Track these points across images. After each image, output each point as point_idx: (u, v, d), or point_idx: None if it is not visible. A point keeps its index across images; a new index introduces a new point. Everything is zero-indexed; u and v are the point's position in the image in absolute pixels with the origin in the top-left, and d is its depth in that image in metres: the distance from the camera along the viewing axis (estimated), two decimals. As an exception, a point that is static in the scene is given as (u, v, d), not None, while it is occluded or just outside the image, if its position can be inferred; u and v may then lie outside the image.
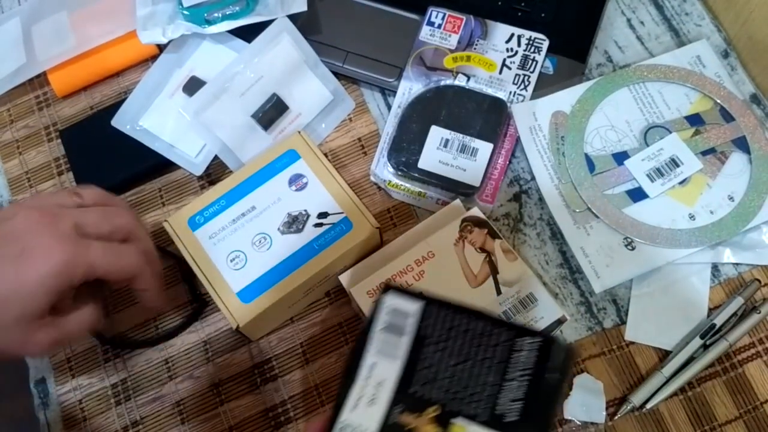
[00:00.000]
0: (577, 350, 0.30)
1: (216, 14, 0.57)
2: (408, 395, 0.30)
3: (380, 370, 0.31)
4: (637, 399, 0.47)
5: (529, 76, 0.55)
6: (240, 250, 0.48)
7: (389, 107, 0.58)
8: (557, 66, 0.56)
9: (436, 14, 0.58)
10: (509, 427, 0.29)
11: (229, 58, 0.57)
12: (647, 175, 0.52)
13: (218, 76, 0.56)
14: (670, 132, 0.54)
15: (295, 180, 0.50)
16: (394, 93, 0.57)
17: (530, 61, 0.56)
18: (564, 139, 0.54)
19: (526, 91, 0.55)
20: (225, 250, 0.48)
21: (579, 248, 0.51)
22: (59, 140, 0.59)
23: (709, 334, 0.48)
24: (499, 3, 0.58)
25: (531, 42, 0.56)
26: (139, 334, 0.53)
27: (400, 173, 0.54)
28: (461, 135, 0.54)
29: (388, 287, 0.33)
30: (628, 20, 0.60)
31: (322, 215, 0.49)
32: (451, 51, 0.57)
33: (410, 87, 0.56)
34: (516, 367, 0.30)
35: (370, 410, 0.30)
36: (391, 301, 0.32)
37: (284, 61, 0.56)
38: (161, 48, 0.60)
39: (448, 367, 0.31)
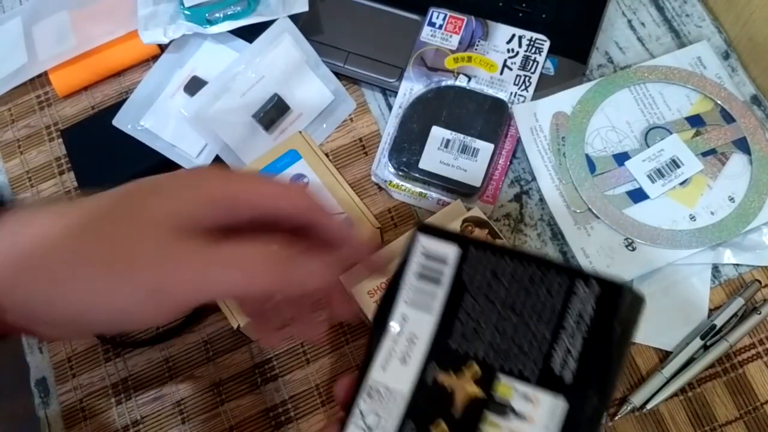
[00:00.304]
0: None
1: (217, 14, 0.57)
2: (445, 351, 0.27)
3: (413, 323, 0.27)
4: (637, 399, 0.47)
5: (530, 77, 0.56)
6: None
7: (390, 107, 0.58)
8: (558, 67, 0.56)
9: (437, 15, 0.58)
10: (564, 389, 0.25)
11: (230, 58, 0.57)
12: (648, 176, 0.52)
13: (219, 76, 0.56)
14: (671, 133, 0.54)
15: (297, 180, 0.51)
16: (395, 93, 0.57)
17: (531, 62, 0.56)
18: (565, 139, 0.54)
19: (527, 91, 0.55)
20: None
21: (580, 249, 0.51)
22: (60, 140, 0.59)
23: (710, 334, 0.48)
24: (500, 4, 0.58)
25: (532, 43, 0.56)
26: (139, 334, 0.53)
27: (401, 173, 0.54)
28: (462, 135, 0.54)
29: (423, 226, 0.28)
30: (629, 21, 0.60)
31: (323, 215, 0.49)
32: (452, 51, 0.57)
33: (411, 87, 0.56)
34: (572, 318, 0.26)
35: (402, 369, 0.27)
36: (427, 242, 0.28)
37: (285, 61, 0.56)
38: (162, 48, 0.60)
39: (492, 319, 0.27)
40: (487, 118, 0.54)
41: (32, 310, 0.27)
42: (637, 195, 0.52)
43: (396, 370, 0.27)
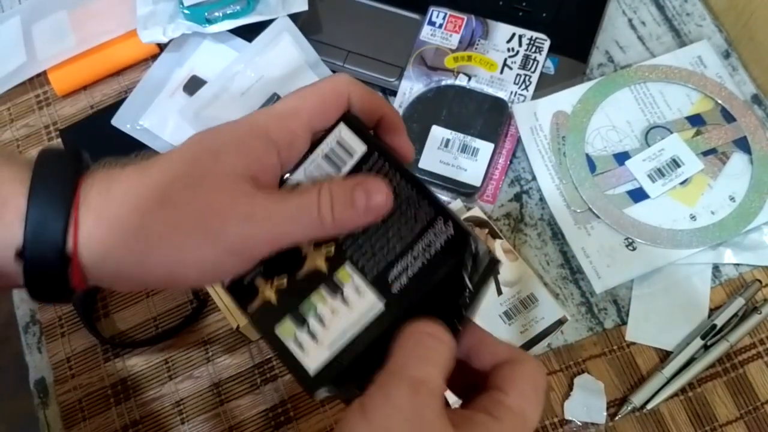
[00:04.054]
0: (496, 262, 0.30)
1: (217, 13, 0.57)
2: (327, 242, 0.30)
3: None
4: (637, 399, 0.47)
5: (530, 76, 0.55)
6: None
7: (390, 107, 0.58)
8: (558, 66, 0.56)
9: (437, 14, 0.58)
10: (386, 294, 0.28)
11: (229, 58, 0.57)
12: (648, 176, 0.52)
13: (219, 75, 0.56)
14: (671, 132, 0.53)
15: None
16: (395, 93, 0.57)
17: (531, 61, 0.56)
18: (565, 139, 0.54)
19: (527, 91, 0.55)
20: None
21: (580, 248, 0.51)
22: (59, 139, 0.59)
23: (710, 334, 0.48)
24: (501, 3, 0.58)
25: (532, 42, 0.56)
26: (139, 334, 0.53)
27: (400, 173, 0.54)
28: (462, 135, 0.54)
29: (348, 116, 0.31)
30: (630, 20, 0.60)
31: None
32: (452, 51, 0.56)
33: (411, 87, 0.56)
34: (422, 244, 0.29)
35: None
36: (345, 133, 0.31)
37: (285, 60, 0.56)
38: (162, 47, 0.60)
39: (372, 229, 0.30)
40: (487, 117, 0.54)
41: (123, 272, 0.28)
42: (638, 194, 0.52)
43: None
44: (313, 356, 0.29)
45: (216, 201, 0.28)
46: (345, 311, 0.29)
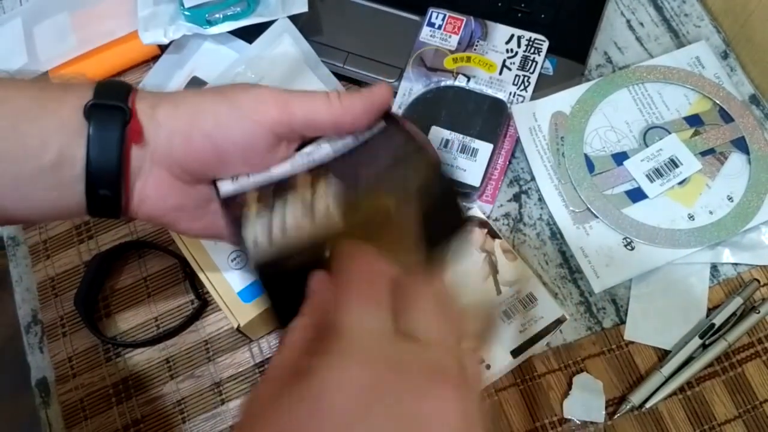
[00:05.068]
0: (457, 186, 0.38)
1: (217, 15, 0.57)
2: (320, 168, 0.35)
3: (316, 150, 0.36)
4: (636, 398, 0.48)
5: (528, 77, 0.56)
6: (241, 250, 0.48)
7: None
8: (557, 67, 0.57)
9: (436, 15, 0.58)
10: (350, 210, 0.33)
11: (230, 59, 0.57)
12: (646, 176, 0.52)
13: (219, 76, 0.56)
14: (670, 133, 0.54)
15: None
16: (395, 94, 0.57)
17: (530, 62, 0.56)
18: (564, 139, 0.54)
19: (526, 91, 0.56)
20: (226, 250, 0.48)
21: (578, 248, 0.52)
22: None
23: (709, 333, 0.49)
24: (499, 4, 0.59)
25: (531, 43, 0.56)
26: (140, 334, 0.53)
27: (400, 173, 0.54)
28: (461, 135, 0.54)
29: (389, 115, 0.36)
30: (628, 21, 0.60)
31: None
32: (452, 52, 0.57)
33: (410, 88, 0.56)
34: (395, 169, 0.35)
35: (285, 165, 0.35)
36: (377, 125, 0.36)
37: (285, 61, 0.57)
38: (162, 49, 0.60)
39: (361, 162, 0.35)
40: (486, 118, 0.54)
41: (173, 141, 0.34)
42: (636, 194, 0.52)
43: (281, 164, 0.35)
44: (263, 250, 0.33)
45: (254, 95, 0.35)
46: (306, 218, 0.33)
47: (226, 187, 0.35)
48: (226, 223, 0.35)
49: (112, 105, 0.33)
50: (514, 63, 0.56)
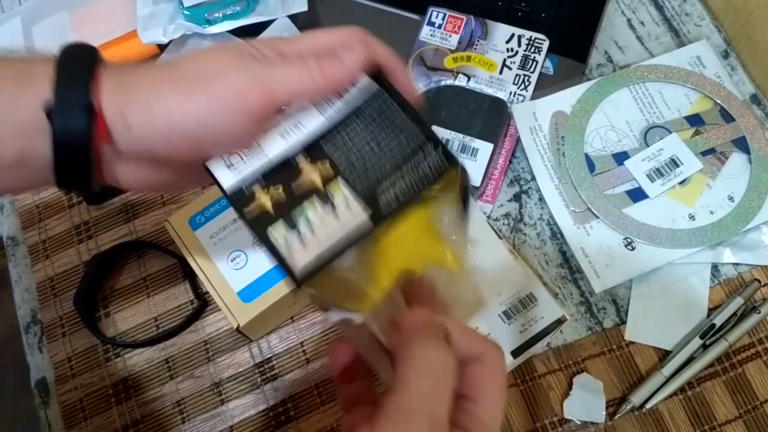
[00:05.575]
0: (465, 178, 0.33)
1: (217, 14, 0.57)
2: (316, 146, 0.33)
3: (305, 116, 0.34)
4: (636, 399, 0.47)
5: (529, 77, 0.56)
6: (241, 250, 0.48)
7: (390, 107, 0.58)
8: (557, 66, 0.56)
9: (436, 14, 0.58)
10: (372, 204, 0.32)
11: (229, 58, 0.57)
12: (647, 176, 0.52)
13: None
14: (670, 132, 0.54)
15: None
16: (395, 93, 0.57)
17: (530, 62, 0.56)
18: (564, 139, 0.54)
19: (527, 91, 0.55)
20: (226, 250, 0.48)
21: (579, 248, 0.52)
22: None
23: (709, 334, 0.49)
24: (500, 3, 0.58)
25: (531, 42, 0.56)
26: (139, 334, 0.53)
27: (400, 173, 0.54)
28: (462, 135, 0.54)
29: (378, 75, 0.34)
30: (629, 20, 0.60)
31: (323, 215, 0.49)
32: (452, 51, 0.57)
33: (411, 87, 0.56)
34: (410, 165, 0.32)
35: (279, 140, 0.33)
36: (363, 80, 0.34)
37: (285, 61, 0.56)
38: (162, 48, 0.60)
39: (360, 143, 0.33)
40: (487, 117, 0.54)
41: (134, 125, 0.32)
42: (637, 194, 0.52)
43: (273, 138, 0.33)
44: (301, 257, 0.32)
45: (215, 63, 0.32)
46: (333, 220, 0.32)
47: (226, 178, 0.34)
48: (242, 222, 0.34)
49: (74, 105, 0.31)
50: (514, 62, 0.56)
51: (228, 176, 0.34)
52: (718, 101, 0.54)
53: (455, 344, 0.29)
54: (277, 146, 0.33)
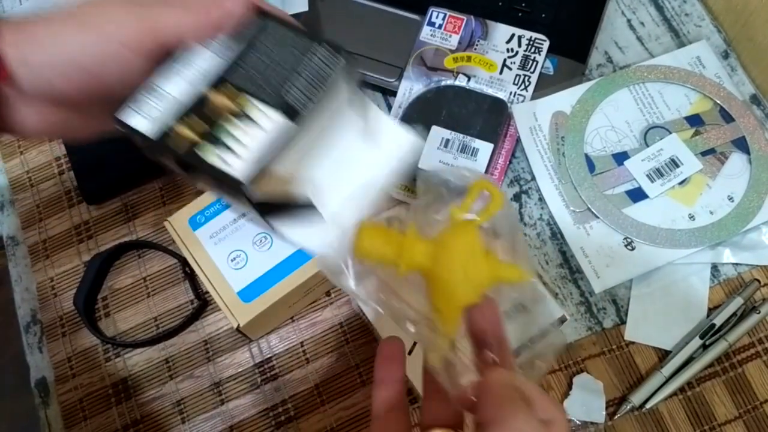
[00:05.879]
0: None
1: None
2: (219, 81, 0.36)
3: (201, 57, 0.37)
4: (636, 399, 0.47)
5: (529, 77, 0.56)
6: (241, 250, 0.48)
7: (390, 107, 0.58)
8: (557, 66, 0.56)
9: (436, 14, 0.58)
10: (284, 107, 0.35)
11: (229, 58, 0.57)
12: (647, 176, 0.52)
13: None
14: (670, 132, 0.54)
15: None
16: (395, 93, 0.57)
17: (531, 62, 0.56)
18: (564, 139, 0.54)
19: (527, 91, 0.55)
20: (226, 250, 0.48)
21: (579, 248, 0.52)
22: (61, 143, 0.59)
23: (709, 334, 0.49)
24: (500, 3, 0.58)
25: (531, 42, 0.56)
26: (139, 334, 0.53)
27: (400, 173, 0.54)
28: (462, 135, 0.54)
29: (263, 14, 0.38)
30: (629, 21, 0.60)
31: (323, 215, 0.49)
32: (452, 51, 0.57)
33: (411, 87, 0.56)
34: (304, 64, 0.36)
35: (179, 81, 0.36)
36: (251, 19, 0.37)
37: (285, 61, 0.56)
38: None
39: (258, 65, 0.36)
40: (487, 117, 0.54)
41: (30, 62, 0.34)
42: (637, 194, 0.52)
43: (175, 80, 0.36)
44: (239, 166, 0.34)
45: (104, 7, 0.35)
46: (256, 130, 0.35)
47: (142, 124, 0.35)
48: (174, 159, 0.36)
49: None
50: (514, 62, 0.56)
51: (143, 122, 0.36)
52: (718, 101, 0.54)
53: (533, 410, 0.29)
54: (179, 86, 0.36)
